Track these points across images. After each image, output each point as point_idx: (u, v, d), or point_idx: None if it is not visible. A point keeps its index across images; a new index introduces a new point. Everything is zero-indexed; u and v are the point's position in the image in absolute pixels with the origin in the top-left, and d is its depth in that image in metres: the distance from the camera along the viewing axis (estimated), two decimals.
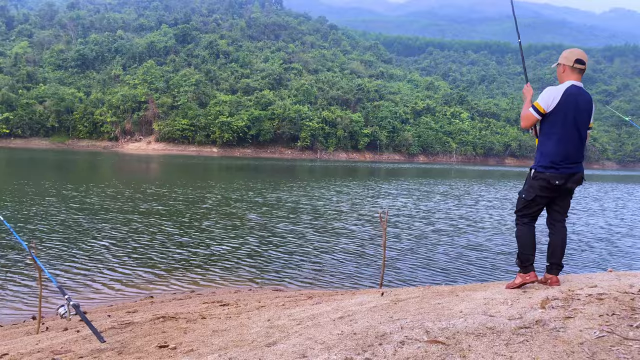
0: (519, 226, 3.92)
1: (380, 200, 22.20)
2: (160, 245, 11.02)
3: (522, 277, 3.85)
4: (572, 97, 3.66)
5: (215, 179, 31.49)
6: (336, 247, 11.62)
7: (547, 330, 2.79)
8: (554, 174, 3.68)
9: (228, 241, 11.79)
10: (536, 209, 3.85)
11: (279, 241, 12.02)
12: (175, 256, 10.16)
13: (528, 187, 3.82)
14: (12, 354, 3.86)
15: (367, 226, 14.78)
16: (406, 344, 2.71)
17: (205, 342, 3.41)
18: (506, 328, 2.85)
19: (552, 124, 3.71)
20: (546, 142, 3.75)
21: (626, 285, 3.65)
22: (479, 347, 2.60)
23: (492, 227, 15.73)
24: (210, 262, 9.83)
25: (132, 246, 10.84)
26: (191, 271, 9.15)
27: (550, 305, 3.26)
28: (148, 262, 9.60)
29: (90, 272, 8.75)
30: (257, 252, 10.81)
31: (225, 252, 10.70)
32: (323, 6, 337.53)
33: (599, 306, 3.15)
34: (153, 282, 8.43)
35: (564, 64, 3.77)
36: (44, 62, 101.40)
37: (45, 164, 40.99)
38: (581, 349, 2.52)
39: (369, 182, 33.71)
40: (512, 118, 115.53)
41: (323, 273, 9.35)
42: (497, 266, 10.33)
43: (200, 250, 10.73)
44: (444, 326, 2.95)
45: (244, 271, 9.33)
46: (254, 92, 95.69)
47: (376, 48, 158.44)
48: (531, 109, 3.78)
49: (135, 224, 13.49)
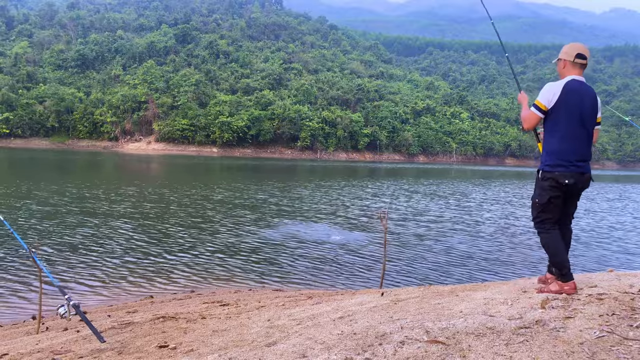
0: (543, 234, 3.62)
1: (380, 200, 22.19)
2: (160, 245, 11.02)
3: (561, 286, 3.55)
4: (574, 92, 3.51)
5: (215, 179, 31.48)
6: (336, 247, 11.62)
7: (547, 330, 2.78)
8: (563, 172, 3.48)
9: (228, 241, 11.79)
10: (555, 212, 3.58)
11: (279, 241, 12.01)
12: (175, 256, 10.16)
13: (540, 191, 3.61)
14: (12, 354, 3.86)
15: (367, 226, 14.78)
16: (406, 344, 2.71)
17: (205, 342, 3.41)
18: (506, 328, 2.85)
19: (555, 121, 3.55)
20: (551, 140, 3.58)
21: (626, 285, 3.64)
22: (479, 347, 2.60)
23: (493, 227, 15.73)
24: (211, 262, 9.83)
25: (132, 246, 10.84)
26: (191, 271, 9.15)
27: (550, 305, 3.26)
28: (148, 262, 9.60)
29: (90, 272, 8.75)
30: (257, 252, 10.81)
31: (225, 252, 10.69)
32: (323, 6, 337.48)
33: (599, 306, 3.15)
34: (153, 282, 8.43)
35: (565, 59, 3.65)
36: (44, 62, 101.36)
37: (45, 164, 40.98)
38: (581, 349, 2.52)
39: (369, 182, 33.70)
40: (512, 118, 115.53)
41: (323, 273, 9.35)
42: (497, 266, 10.33)
43: (200, 250, 10.73)
44: (444, 326, 2.95)
45: (244, 271, 9.33)
46: (254, 92, 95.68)
47: (376, 48, 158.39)
48: (532, 107, 3.61)
49: (135, 224, 13.48)
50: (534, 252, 11.90)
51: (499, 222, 16.91)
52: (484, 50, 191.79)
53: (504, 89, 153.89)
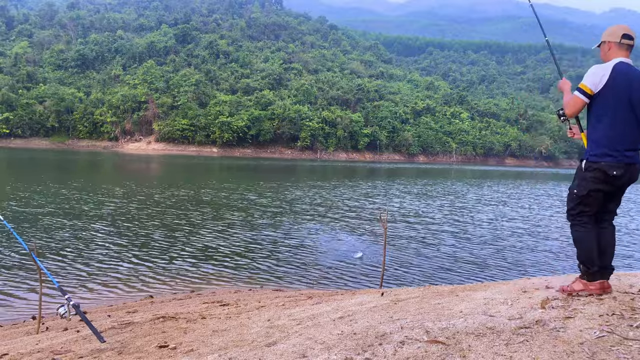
0: (576, 228, 3.38)
1: (380, 200, 22.19)
2: (160, 245, 11.02)
3: (585, 285, 3.36)
4: (622, 75, 3.23)
5: (215, 179, 31.48)
6: (336, 247, 11.62)
7: (547, 330, 2.78)
8: (610, 162, 3.20)
9: (228, 241, 11.79)
10: (593, 206, 3.32)
11: (279, 241, 12.01)
12: (175, 256, 10.16)
13: (580, 182, 3.33)
14: (12, 354, 3.86)
15: (367, 226, 14.78)
16: (406, 344, 2.71)
17: (205, 342, 3.41)
18: (506, 328, 2.85)
19: (602, 105, 3.27)
20: (597, 127, 3.28)
21: (626, 285, 3.64)
22: (479, 347, 2.59)
23: (493, 226, 15.73)
24: (211, 262, 9.83)
25: (132, 246, 10.84)
26: (191, 271, 9.15)
27: (550, 305, 3.26)
28: (148, 262, 9.60)
29: (90, 272, 8.75)
30: (257, 252, 10.81)
31: (225, 252, 10.69)
32: (323, 6, 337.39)
33: (599, 306, 3.15)
34: (153, 282, 8.43)
35: (610, 41, 3.38)
36: (44, 62, 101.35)
37: (45, 164, 40.98)
38: (581, 349, 2.52)
39: (369, 182, 33.70)
40: (512, 118, 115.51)
41: (323, 273, 9.35)
42: (497, 266, 10.34)
43: (200, 250, 10.73)
44: (444, 326, 2.95)
45: (244, 271, 9.33)
46: (254, 92, 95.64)
47: (376, 48, 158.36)
48: (577, 91, 3.32)
49: (135, 224, 13.48)
50: (534, 252, 11.90)
51: (499, 222, 16.91)
52: (484, 50, 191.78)
53: (504, 89, 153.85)
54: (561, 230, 15.50)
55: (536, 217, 18.71)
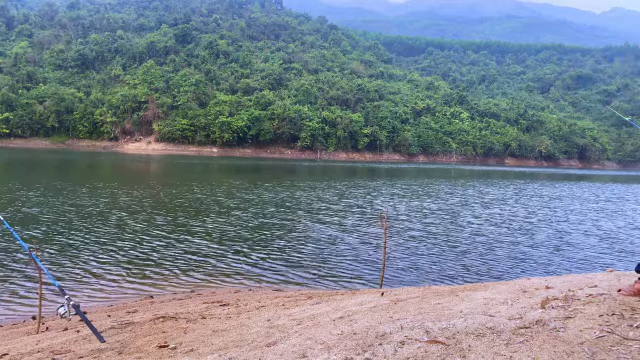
0: None
1: (380, 201, 22.19)
2: (160, 246, 11.02)
3: None
4: None
5: (215, 179, 31.47)
6: (336, 247, 11.62)
7: (547, 330, 2.78)
8: None
9: (228, 241, 11.79)
10: None
11: (279, 241, 12.01)
12: (175, 256, 10.15)
13: None
14: (12, 354, 3.86)
15: (367, 226, 14.77)
16: (406, 344, 2.71)
17: (205, 342, 3.41)
18: (506, 328, 2.85)
19: None
20: None
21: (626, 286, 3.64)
22: (479, 347, 2.59)
23: (493, 226, 15.72)
24: (211, 262, 9.82)
25: (132, 246, 10.83)
26: (191, 271, 9.14)
27: (550, 305, 3.26)
28: (148, 262, 9.60)
29: (90, 273, 8.75)
30: (257, 253, 10.80)
31: (225, 253, 10.69)
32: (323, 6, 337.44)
33: (599, 306, 3.15)
34: (153, 282, 8.42)
35: None
36: (44, 62, 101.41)
37: (45, 164, 40.97)
38: (581, 349, 2.52)
39: (369, 182, 33.69)
40: (511, 118, 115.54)
41: (323, 273, 9.34)
42: (497, 266, 10.33)
43: (200, 251, 10.73)
44: (444, 326, 2.95)
45: (244, 271, 9.32)
46: (254, 92, 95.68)
47: (376, 48, 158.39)
48: None
49: (135, 224, 13.48)
50: (534, 252, 11.90)
51: (499, 221, 16.90)
52: (484, 50, 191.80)
53: (504, 89, 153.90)
54: (561, 230, 15.51)
55: (536, 217, 18.71)
